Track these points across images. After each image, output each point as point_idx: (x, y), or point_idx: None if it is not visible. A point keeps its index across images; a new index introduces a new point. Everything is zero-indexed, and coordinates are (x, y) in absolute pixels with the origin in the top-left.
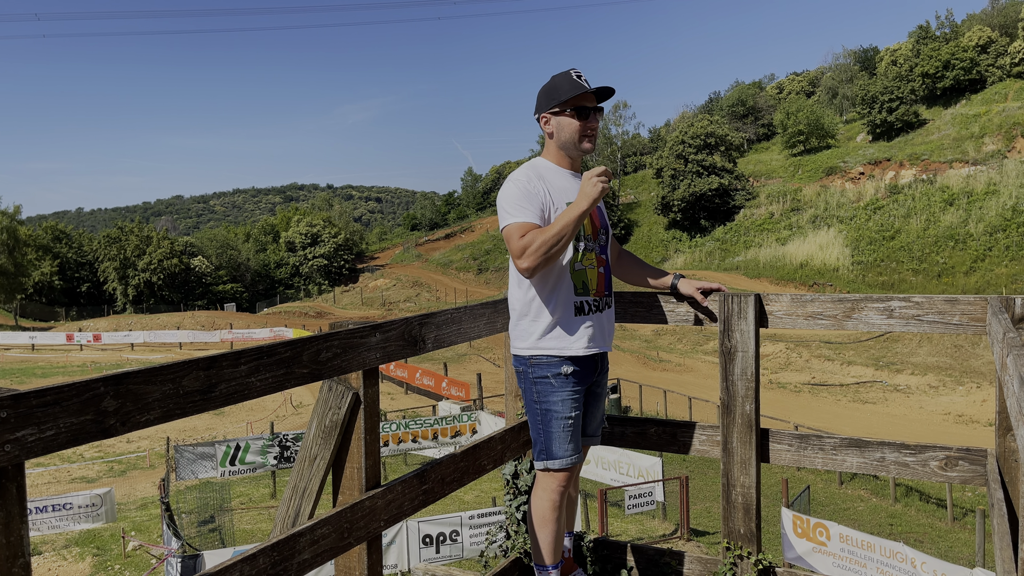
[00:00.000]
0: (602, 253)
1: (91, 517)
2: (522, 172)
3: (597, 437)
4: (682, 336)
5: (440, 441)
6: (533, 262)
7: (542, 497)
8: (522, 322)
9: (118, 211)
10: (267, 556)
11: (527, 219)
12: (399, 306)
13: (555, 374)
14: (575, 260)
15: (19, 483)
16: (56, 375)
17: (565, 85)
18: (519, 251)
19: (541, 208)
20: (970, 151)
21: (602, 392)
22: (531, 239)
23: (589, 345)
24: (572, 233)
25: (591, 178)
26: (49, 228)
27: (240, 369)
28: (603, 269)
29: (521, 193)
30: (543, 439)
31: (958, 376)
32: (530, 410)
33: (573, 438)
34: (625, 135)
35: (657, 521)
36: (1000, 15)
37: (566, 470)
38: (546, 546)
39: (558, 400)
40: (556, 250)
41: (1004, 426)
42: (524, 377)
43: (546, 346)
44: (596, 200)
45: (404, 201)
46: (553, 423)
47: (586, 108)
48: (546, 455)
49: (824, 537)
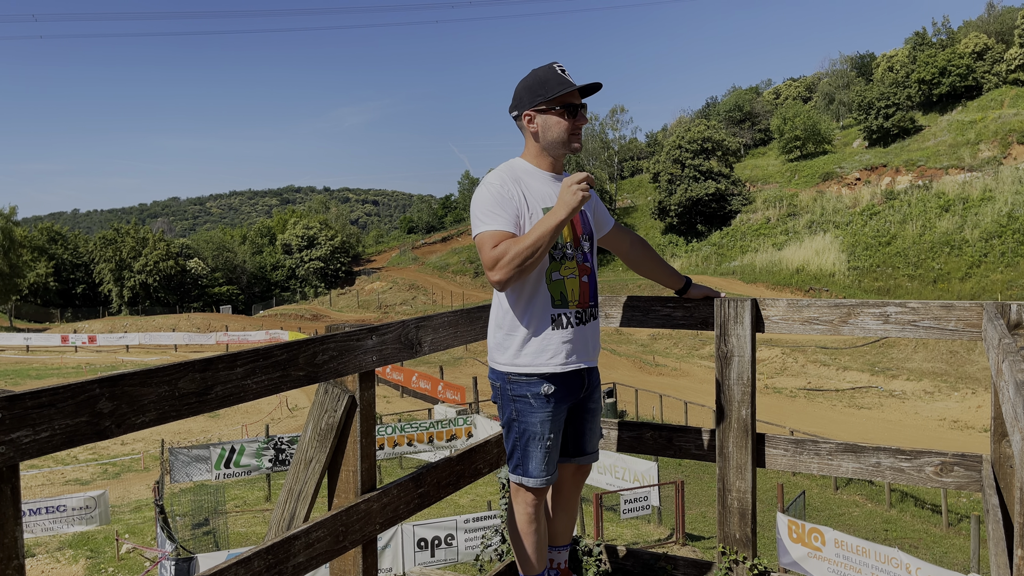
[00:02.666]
0: (585, 261)
1: (85, 519)
2: (496, 175)
3: (595, 453)
4: (678, 340)
5: (436, 445)
6: (505, 275)
7: (518, 511)
8: (497, 334)
9: (114, 213)
10: (262, 559)
11: (500, 227)
12: (395, 309)
13: (535, 394)
14: (552, 270)
15: (13, 485)
16: (51, 377)
17: (551, 81)
18: (491, 263)
19: (516, 214)
20: (966, 157)
21: (596, 407)
22: (503, 250)
23: (567, 361)
24: (548, 244)
25: (571, 185)
26: (45, 229)
27: (236, 371)
28: (587, 278)
29: (494, 199)
30: (519, 456)
31: (953, 382)
32: (507, 426)
33: (550, 458)
34: (622, 139)
35: (653, 526)
36: (996, 22)
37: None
38: (528, 557)
39: (537, 421)
40: (530, 262)
41: (999, 432)
42: (501, 393)
43: (522, 363)
44: (575, 209)
45: (401, 204)
46: (531, 444)
47: (574, 105)
48: (522, 471)
49: (819, 542)
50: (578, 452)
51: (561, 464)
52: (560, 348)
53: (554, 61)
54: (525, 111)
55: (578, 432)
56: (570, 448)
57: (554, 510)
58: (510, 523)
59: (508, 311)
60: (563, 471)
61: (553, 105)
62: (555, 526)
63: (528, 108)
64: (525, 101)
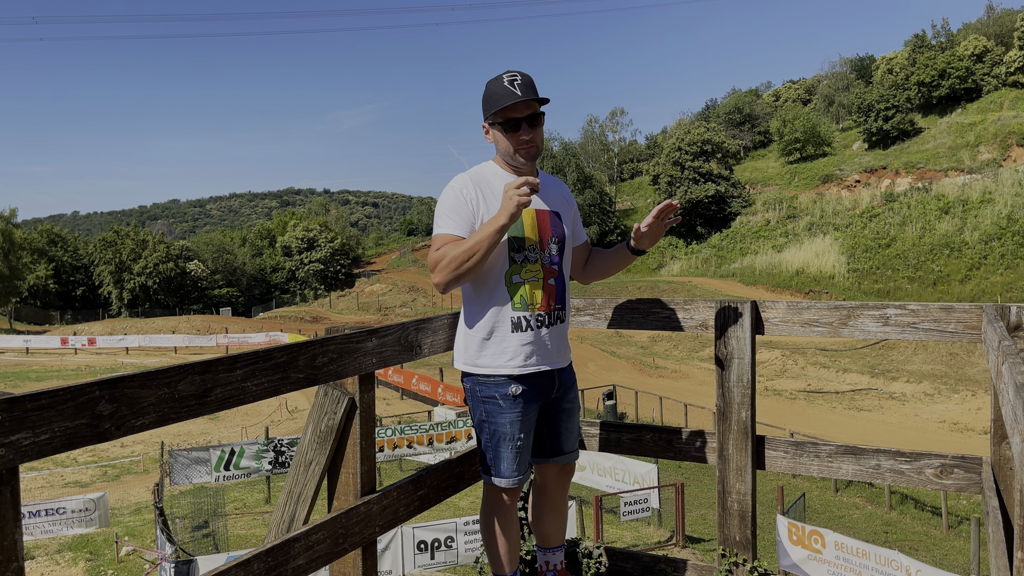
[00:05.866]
0: (553, 264)
1: (84, 522)
2: (460, 179)
3: (574, 452)
4: (678, 343)
5: (435, 447)
6: (443, 278)
7: (488, 512)
8: (460, 335)
9: (114, 215)
10: (261, 561)
11: (450, 231)
12: (395, 311)
13: (503, 394)
14: (513, 272)
15: (13, 487)
16: (51, 379)
17: (497, 95)
18: (432, 265)
19: (472, 219)
20: (965, 160)
21: (572, 407)
22: (443, 254)
23: (526, 364)
24: (486, 250)
25: (509, 191)
26: (44, 231)
27: (236, 374)
28: (553, 280)
29: (451, 203)
30: (491, 456)
31: (953, 384)
32: (478, 427)
33: (521, 458)
34: (622, 142)
35: (653, 528)
36: (996, 24)
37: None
38: (499, 557)
39: (506, 421)
40: (468, 267)
41: (999, 434)
42: (471, 395)
43: (483, 364)
44: (515, 215)
45: (401, 206)
46: (501, 444)
47: (516, 119)
48: (494, 472)
49: (819, 545)
50: (555, 452)
51: (543, 466)
52: (519, 351)
53: (508, 70)
54: (483, 122)
55: (554, 432)
56: (547, 448)
57: (542, 512)
58: (483, 523)
59: (470, 312)
60: (546, 472)
61: (497, 119)
62: (545, 528)
63: (484, 120)
64: (484, 112)
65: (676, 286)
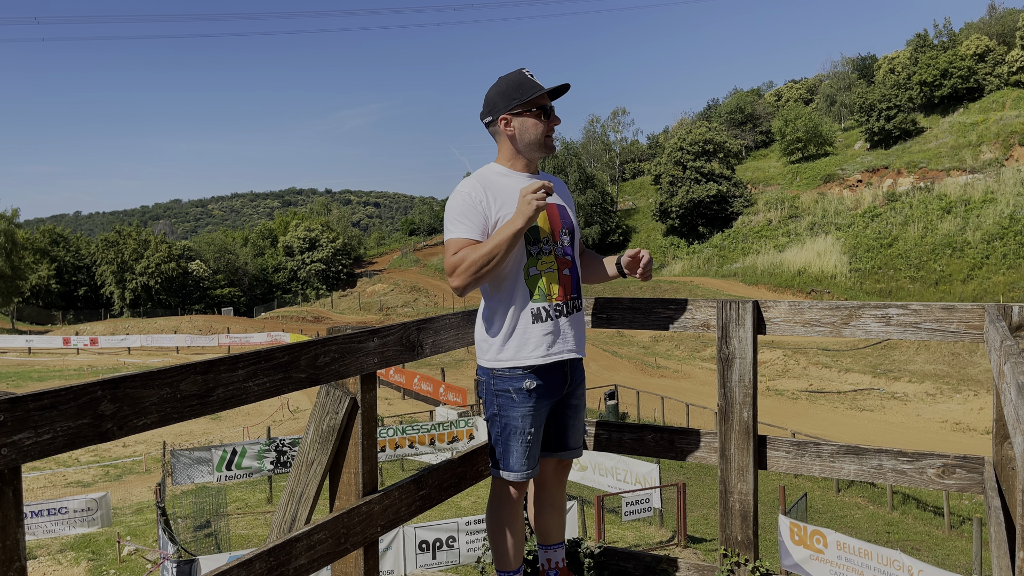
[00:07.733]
0: (565, 255)
1: (87, 521)
2: (467, 183)
3: (578, 450)
4: (680, 342)
5: (437, 447)
6: (462, 281)
7: (497, 506)
8: (482, 331)
9: (116, 215)
10: (263, 561)
11: (464, 235)
12: (397, 311)
13: (516, 388)
14: (530, 265)
15: (15, 487)
16: (53, 379)
17: (524, 85)
18: (449, 269)
19: (484, 221)
20: (968, 159)
21: (580, 404)
22: (462, 257)
23: (548, 352)
24: (506, 253)
25: (527, 195)
26: (46, 231)
27: (238, 374)
28: (568, 271)
29: (461, 207)
30: (500, 450)
31: (955, 384)
32: (489, 421)
33: (531, 453)
34: (624, 141)
35: (654, 528)
36: (998, 24)
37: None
38: (505, 551)
39: (518, 415)
40: (487, 269)
41: (1001, 434)
42: (486, 388)
43: (505, 358)
44: (532, 219)
45: (402, 206)
46: (512, 438)
47: (548, 107)
48: (503, 466)
49: (821, 544)
50: (561, 447)
51: (543, 458)
52: (541, 340)
53: (522, 67)
54: (501, 115)
55: (561, 427)
56: (553, 443)
57: (540, 507)
58: (489, 518)
59: (490, 308)
60: (545, 465)
61: (529, 107)
62: (545, 524)
63: (504, 112)
64: (500, 106)
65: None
